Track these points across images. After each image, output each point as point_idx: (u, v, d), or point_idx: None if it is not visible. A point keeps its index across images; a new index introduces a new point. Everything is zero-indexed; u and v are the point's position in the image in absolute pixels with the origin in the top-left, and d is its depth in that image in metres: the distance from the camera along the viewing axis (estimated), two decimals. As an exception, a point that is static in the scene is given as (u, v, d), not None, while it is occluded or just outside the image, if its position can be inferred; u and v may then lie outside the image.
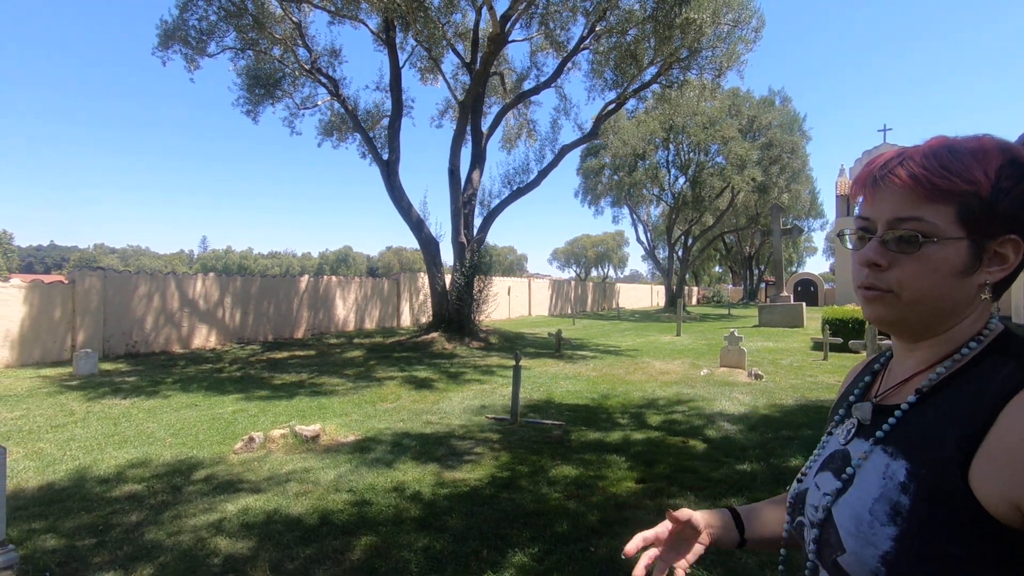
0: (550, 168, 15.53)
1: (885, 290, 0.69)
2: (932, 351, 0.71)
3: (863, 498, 0.66)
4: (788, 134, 31.43)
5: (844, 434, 0.77)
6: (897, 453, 0.66)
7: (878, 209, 0.69)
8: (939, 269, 0.65)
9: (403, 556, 3.10)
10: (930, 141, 0.69)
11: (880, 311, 0.71)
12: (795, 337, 15.50)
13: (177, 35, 12.54)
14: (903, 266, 0.67)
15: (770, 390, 7.80)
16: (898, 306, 0.69)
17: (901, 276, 0.67)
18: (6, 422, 6.06)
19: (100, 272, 11.68)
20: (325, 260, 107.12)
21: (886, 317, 0.71)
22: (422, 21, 11.98)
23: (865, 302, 0.72)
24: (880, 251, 0.68)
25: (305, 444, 5.11)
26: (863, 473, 0.68)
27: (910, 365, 0.74)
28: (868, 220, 0.71)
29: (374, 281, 18.99)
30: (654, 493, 4.00)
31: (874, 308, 0.71)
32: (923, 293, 0.66)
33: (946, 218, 0.64)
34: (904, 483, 0.63)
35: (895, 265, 0.67)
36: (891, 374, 0.78)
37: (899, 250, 0.67)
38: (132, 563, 3.03)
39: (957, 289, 0.66)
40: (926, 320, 0.69)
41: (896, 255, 0.67)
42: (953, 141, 0.68)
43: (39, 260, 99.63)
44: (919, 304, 0.67)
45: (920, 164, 0.66)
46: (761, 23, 14.02)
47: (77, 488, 4.12)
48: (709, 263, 58.77)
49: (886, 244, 0.68)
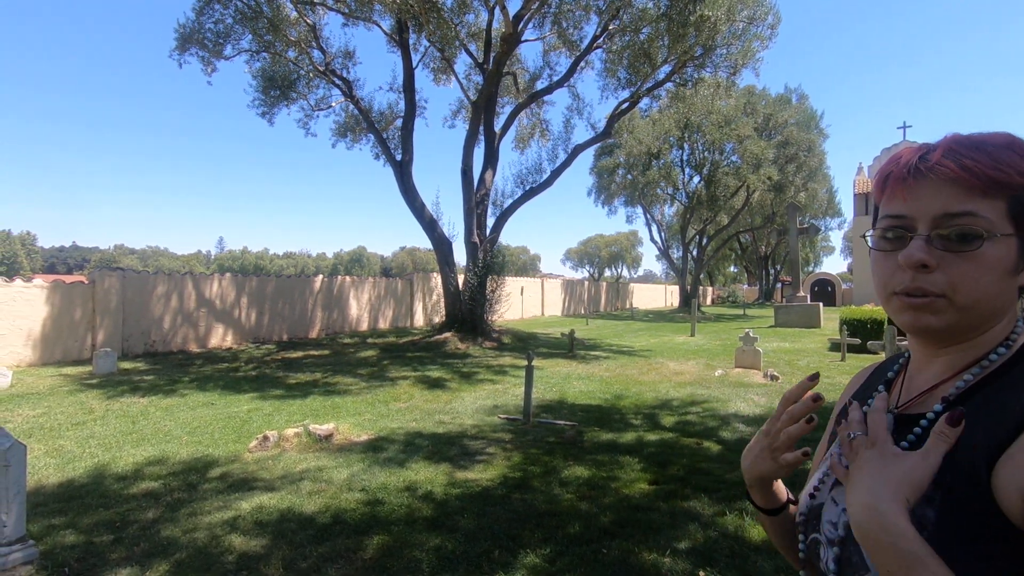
0: (563, 168, 15.49)
1: (936, 295, 0.62)
2: (958, 357, 0.66)
3: None
4: (805, 132, 31.07)
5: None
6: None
7: (919, 204, 0.63)
8: (994, 269, 0.60)
9: (415, 556, 3.11)
10: (954, 136, 0.64)
11: (930, 320, 0.63)
12: (812, 338, 15.29)
13: (194, 38, 12.72)
14: (955, 267, 0.60)
15: (786, 391, 7.69)
16: (950, 312, 0.62)
17: (954, 278, 0.61)
18: (28, 420, 6.18)
19: (119, 272, 11.87)
20: (339, 260, 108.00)
21: (936, 326, 0.63)
22: (435, 22, 12.01)
23: (909, 311, 0.64)
24: (928, 250, 0.61)
25: (319, 443, 5.14)
26: None
27: (934, 372, 0.68)
28: (904, 217, 0.64)
29: (388, 281, 19.09)
30: (667, 495, 3.96)
31: (922, 317, 0.63)
32: (978, 296, 0.60)
33: (998, 213, 0.60)
34: (929, 495, 0.58)
35: (945, 266, 0.61)
36: (911, 382, 0.72)
37: (948, 249, 0.60)
38: (148, 559, 3.07)
39: (1006, 290, 0.61)
40: (973, 325, 0.63)
41: (945, 255, 0.61)
42: (982, 136, 0.63)
43: (61, 261, 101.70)
44: (973, 308, 0.61)
45: (970, 156, 0.60)
46: (777, 20, 13.86)
47: (96, 485, 4.19)
48: (724, 263, 58.22)
49: (932, 243, 0.61)
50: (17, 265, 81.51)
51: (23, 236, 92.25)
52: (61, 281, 11.33)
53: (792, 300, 20.79)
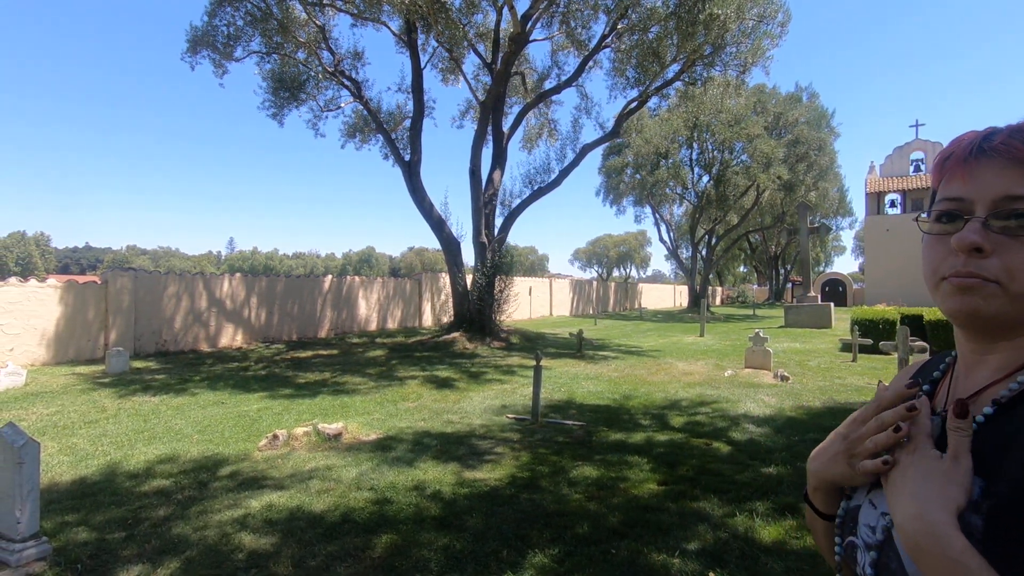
0: (571, 167, 15.46)
1: (989, 279, 0.58)
2: (1011, 356, 0.61)
3: None
4: (815, 131, 30.81)
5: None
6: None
7: (978, 186, 0.59)
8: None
9: (423, 555, 3.11)
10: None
11: (978, 304, 0.59)
12: (823, 338, 15.16)
13: (205, 40, 12.83)
14: (1012, 252, 0.57)
15: (797, 392, 7.64)
16: (1001, 299, 0.58)
17: (1010, 264, 0.57)
18: (42, 418, 6.26)
19: (131, 273, 12.00)
20: (348, 260, 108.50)
21: (984, 311, 0.60)
22: (443, 22, 12.03)
23: (957, 292, 0.61)
24: (984, 233, 0.58)
25: (328, 442, 5.16)
26: None
27: (985, 373, 0.64)
28: (961, 200, 0.60)
29: (396, 281, 19.15)
30: (677, 495, 3.94)
31: (970, 300, 0.60)
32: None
33: None
34: (977, 502, 0.55)
35: (1002, 251, 0.57)
36: (959, 383, 0.69)
37: (1007, 233, 0.57)
38: (159, 557, 3.09)
39: None
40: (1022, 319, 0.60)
41: (1002, 239, 0.57)
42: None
43: (75, 261, 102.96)
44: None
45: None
46: (787, 17, 13.73)
47: (108, 483, 4.23)
48: (734, 263, 57.88)
49: (989, 227, 0.58)
50: (32, 266, 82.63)
51: (37, 237, 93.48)
52: (74, 281, 11.46)
53: (803, 300, 20.62)
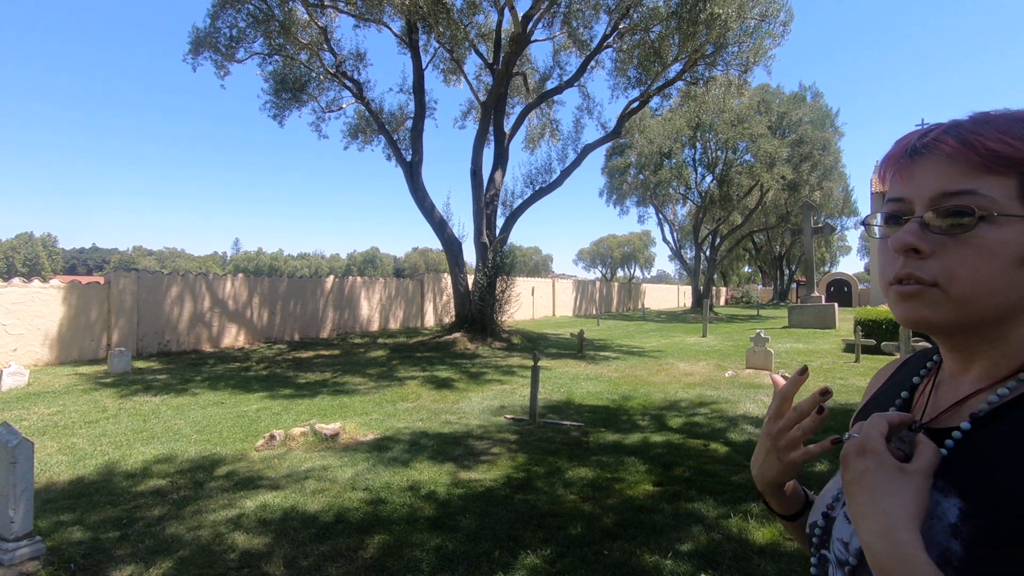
0: (573, 167, 15.44)
1: (928, 283, 0.55)
2: (991, 366, 0.58)
3: None
4: (819, 130, 30.66)
5: None
6: (949, 489, 0.54)
7: (917, 185, 0.57)
8: (997, 255, 0.52)
9: (415, 555, 3.11)
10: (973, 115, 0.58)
11: (921, 311, 0.56)
12: (826, 339, 15.08)
13: (207, 42, 12.89)
14: (951, 252, 0.54)
15: (798, 393, 7.58)
16: (944, 305, 0.55)
17: (949, 264, 0.54)
18: (43, 418, 6.29)
19: (134, 273, 12.06)
20: (353, 261, 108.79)
21: (929, 319, 0.56)
22: (444, 23, 12.05)
23: (900, 300, 0.57)
24: (920, 234, 0.55)
25: (324, 442, 5.17)
26: None
27: (967, 382, 0.60)
28: (903, 201, 0.58)
29: (398, 282, 19.17)
30: (672, 496, 3.92)
31: (912, 307, 0.57)
32: (977, 286, 0.53)
33: (1006, 192, 0.52)
34: (956, 525, 0.51)
35: (940, 251, 0.54)
36: (941, 392, 0.64)
37: (945, 232, 0.54)
38: (152, 556, 3.10)
39: (1018, 283, 0.53)
40: (980, 323, 0.56)
41: (941, 239, 0.54)
42: (1001, 111, 0.56)
43: (82, 262, 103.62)
44: (972, 301, 0.54)
45: (972, 130, 0.54)
46: (790, 17, 13.68)
47: (105, 482, 4.25)
48: (738, 263, 57.66)
49: (928, 227, 0.55)
50: (39, 266, 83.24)
51: (44, 238, 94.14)
52: (77, 282, 11.53)
53: (807, 300, 20.54)
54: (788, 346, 13.22)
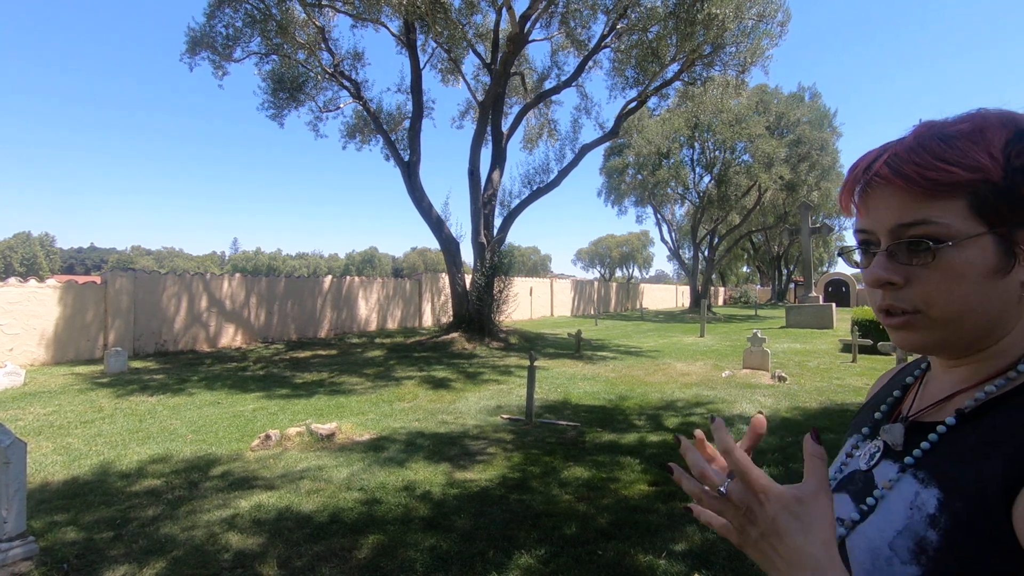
0: (570, 168, 15.45)
1: (911, 311, 0.57)
2: (978, 366, 0.60)
3: (884, 529, 0.57)
4: (818, 130, 30.69)
5: (868, 457, 0.66)
6: (929, 480, 0.56)
7: (875, 218, 0.59)
8: (966, 275, 0.54)
9: (409, 555, 3.10)
10: (916, 129, 0.59)
11: (912, 338, 0.59)
12: (824, 339, 15.10)
13: (204, 41, 12.86)
14: (923, 280, 0.56)
15: (794, 392, 7.61)
16: (931, 328, 0.57)
17: (925, 292, 0.56)
18: (39, 418, 6.28)
19: (131, 273, 12.03)
20: (351, 261, 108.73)
21: (923, 343, 0.59)
22: (442, 23, 12.04)
23: (891, 331, 0.60)
24: (890, 266, 0.57)
25: (320, 442, 5.17)
26: (887, 502, 0.58)
27: (952, 381, 0.63)
28: (868, 232, 0.60)
29: (396, 281, 19.16)
30: (667, 496, 3.92)
31: (903, 336, 0.59)
32: (955, 307, 0.55)
33: (958, 214, 0.54)
34: (934, 515, 0.53)
35: (914, 280, 0.56)
36: (927, 390, 0.67)
37: (912, 262, 0.56)
38: (146, 557, 3.10)
39: (994, 294, 0.55)
40: (969, 337, 0.58)
41: (911, 269, 0.56)
42: (943, 125, 0.57)
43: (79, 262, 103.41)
44: (954, 321, 0.56)
45: (909, 159, 0.56)
46: (787, 17, 13.70)
47: (99, 483, 4.24)
48: (736, 263, 57.70)
49: (895, 257, 0.57)
50: (37, 266, 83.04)
51: (42, 238, 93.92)
52: (74, 282, 11.50)
53: (804, 300, 20.56)
54: (785, 346, 13.23)
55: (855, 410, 0.81)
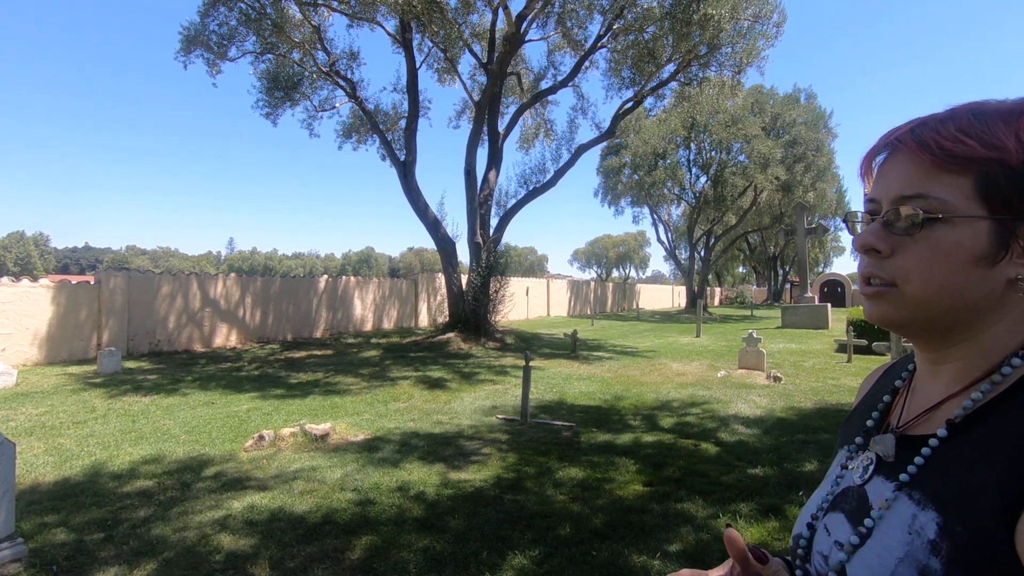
0: (567, 168, 15.46)
1: (888, 283, 0.57)
2: (964, 367, 0.57)
3: (884, 557, 0.53)
4: (813, 131, 30.82)
5: (861, 470, 0.63)
6: (926, 502, 0.52)
7: (884, 186, 0.58)
8: (951, 255, 0.52)
9: (402, 556, 3.09)
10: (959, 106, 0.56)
11: (883, 309, 0.58)
12: (819, 339, 15.14)
13: (199, 40, 12.81)
14: (908, 253, 0.55)
15: (789, 392, 7.62)
16: (903, 303, 0.56)
17: (904, 265, 0.55)
18: (31, 418, 6.23)
19: (125, 273, 11.97)
20: (348, 261, 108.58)
21: (891, 317, 0.58)
22: (439, 22, 12.02)
23: (865, 299, 0.60)
24: (882, 234, 0.57)
25: (314, 443, 5.14)
26: (884, 525, 0.55)
27: (939, 386, 0.60)
28: (874, 201, 0.59)
29: (392, 281, 19.12)
30: (662, 497, 3.92)
31: (874, 305, 0.59)
32: (931, 286, 0.54)
33: (960, 192, 0.52)
34: (935, 541, 0.50)
35: (899, 251, 0.56)
36: (916, 396, 0.64)
37: (904, 232, 0.55)
38: (137, 558, 3.07)
39: (978, 282, 0.53)
40: (941, 322, 0.56)
41: (901, 239, 0.55)
42: (986, 103, 0.54)
43: (74, 261, 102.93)
44: (928, 301, 0.54)
45: (933, 128, 0.54)
46: (783, 18, 13.76)
47: (91, 483, 4.20)
48: (732, 263, 57.88)
49: (890, 227, 0.56)
50: (31, 266, 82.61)
51: (36, 237, 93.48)
52: (67, 281, 11.44)
53: (800, 301, 20.62)
54: (781, 346, 13.26)
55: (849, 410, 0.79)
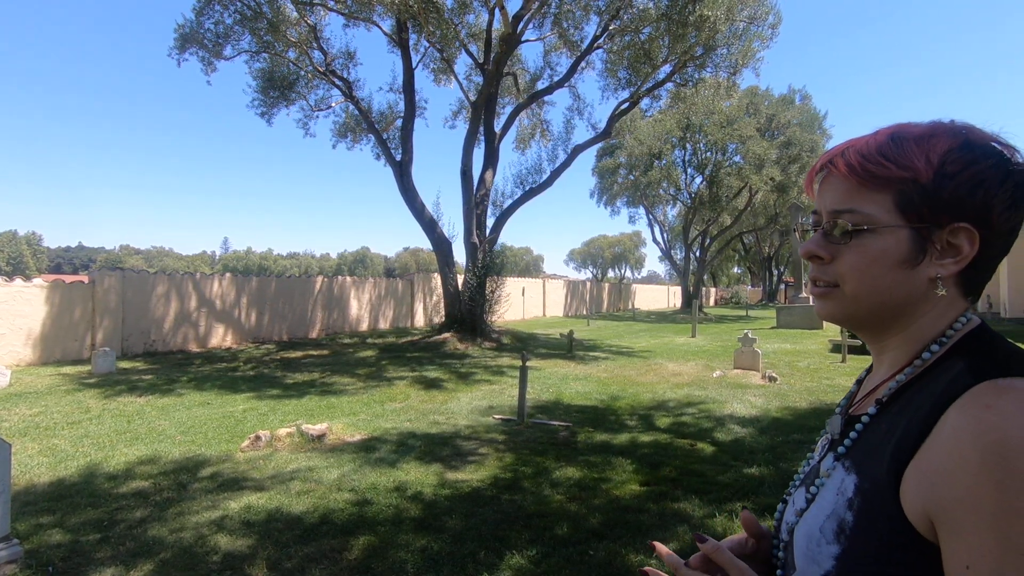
0: (563, 168, 15.46)
1: (831, 284, 0.67)
2: (897, 355, 0.67)
3: (818, 515, 0.63)
4: (808, 132, 30.90)
5: (820, 450, 0.73)
6: (852, 467, 0.62)
7: (823, 201, 0.67)
8: (878, 260, 0.62)
9: (400, 556, 3.09)
10: (883, 128, 0.66)
11: (828, 307, 0.68)
12: (814, 339, 15.21)
13: (194, 38, 12.74)
14: (844, 258, 0.64)
15: (784, 392, 7.65)
16: (843, 301, 0.66)
17: (842, 268, 0.65)
18: (24, 419, 6.19)
19: (119, 272, 11.91)
20: (343, 261, 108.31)
21: (835, 313, 0.68)
22: (435, 22, 12.00)
23: (814, 298, 0.70)
24: (823, 243, 0.66)
25: (311, 443, 5.13)
26: (824, 491, 0.64)
27: (881, 372, 0.70)
28: (818, 213, 0.69)
29: (388, 281, 19.10)
30: (658, 496, 3.93)
31: (822, 304, 0.69)
32: (864, 286, 0.63)
33: (883, 207, 0.62)
34: (851, 498, 0.59)
35: (838, 257, 0.65)
36: (868, 382, 0.74)
37: (839, 242, 0.65)
38: (133, 559, 3.06)
39: (903, 282, 0.62)
40: (876, 317, 0.66)
41: (837, 247, 0.65)
42: (905, 127, 0.64)
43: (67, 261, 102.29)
44: (862, 298, 0.64)
45: (858, 151, 0.63)
46: (778, 19, 13.82)
47: (86, 484, 4.19)
48: (727, 264, 58.04)
49: (829, 236, 0.66)
50: (23, 265, 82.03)
51: (29, 236, 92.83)
52: (61, 281, 11.36)
53: (795, 301, 20.70)
54: (776, 347, 13.31)
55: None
